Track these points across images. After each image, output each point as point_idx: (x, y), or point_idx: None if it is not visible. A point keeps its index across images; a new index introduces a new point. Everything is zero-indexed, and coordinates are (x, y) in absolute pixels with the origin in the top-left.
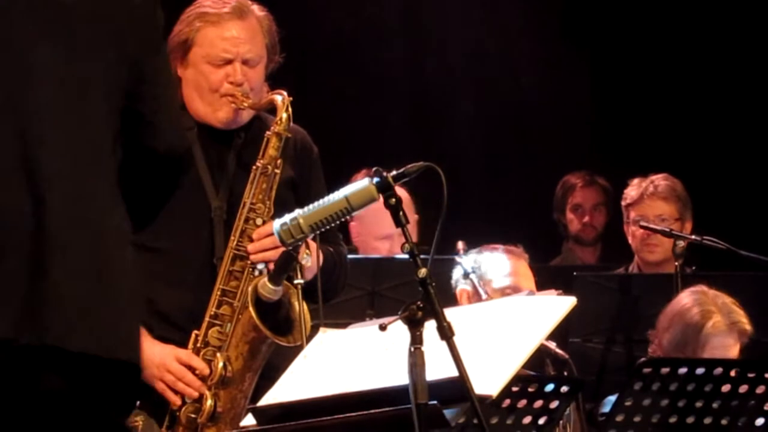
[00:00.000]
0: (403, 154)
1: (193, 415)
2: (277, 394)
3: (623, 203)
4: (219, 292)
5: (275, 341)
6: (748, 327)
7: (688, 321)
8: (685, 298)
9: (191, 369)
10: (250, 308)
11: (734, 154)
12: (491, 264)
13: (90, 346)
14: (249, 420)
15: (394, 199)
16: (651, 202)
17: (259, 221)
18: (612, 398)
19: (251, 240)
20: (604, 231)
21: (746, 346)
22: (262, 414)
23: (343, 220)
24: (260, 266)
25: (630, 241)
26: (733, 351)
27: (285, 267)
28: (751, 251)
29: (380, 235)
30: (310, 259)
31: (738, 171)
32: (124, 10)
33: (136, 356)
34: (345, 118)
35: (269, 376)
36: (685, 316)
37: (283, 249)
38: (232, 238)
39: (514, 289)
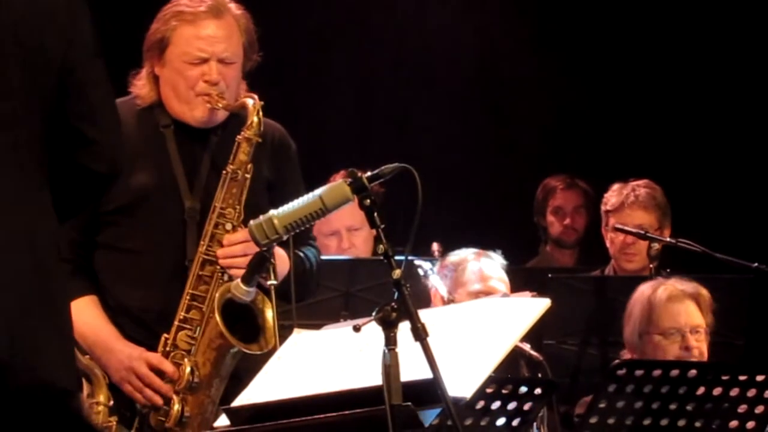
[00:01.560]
0: (378, 155)
1: (161, 419)
2: (251, 395)
3: (603, 208)
4: (188, 297)
5: (241, 349)
6: (704, 290)
7: (642, 299)
8: (639, 288)
9: (161, 373)
10: (216, 316)
11: (710, 157)
12: (465, 267)
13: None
14: (223, 420)
15: (368, 200)
16: (631, 211)
17: (228, 226)
18: (588, 400)
19: (221, 245)
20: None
21: (716, 345)
22: (235, 415)
23: (316, 220)
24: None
25: (609, 247)
26: (694, 316)
27: (258, 268)
28: (726, 254)
29: (327, 232)
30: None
31: (713, 174)
32: (44, 20)
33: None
34: (321, 118)
35: (242, 377)
36: (639, 297)
37: (254, 253)
38: (201, 242)
39: (487, 294)
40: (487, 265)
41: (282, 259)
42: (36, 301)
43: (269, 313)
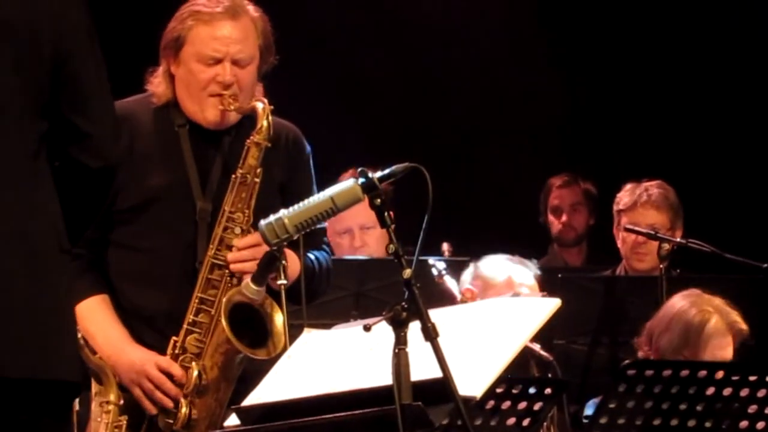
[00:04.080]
0: (388, 154)
1: (169, 422)
2: (261, 395)
3: (615, 208)
4: (197, 300)
5: (248, 355)
6: (744, 327)
7: (687, 322)
8: (681, 300)
9: (170, 376)
10: (223, 321)
11: (719, 157)
12: (495, 271)
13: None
14: (233, 420)
15: (379, 200)
16: (644, 210)
17: (237, 230)
18: (595, 401)
19: (229, 249)
20: (589, 233)
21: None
22: (246, 414)
23: (327, 220)
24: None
25: (620, 247)
26: (729, 351)
27: (268, 267)
28: (735, 254)
29: (339, 230)
30: (284, 281)
31: (722, 174)
32: (34, 12)
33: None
34: (327, 117)
35: (251, 377)
36: (684, 317)
37: (265, 252)
38: (210, 246)
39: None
40: (517, 272)
41: (293, 261)
42: (26, 294)
43: (278, 318)
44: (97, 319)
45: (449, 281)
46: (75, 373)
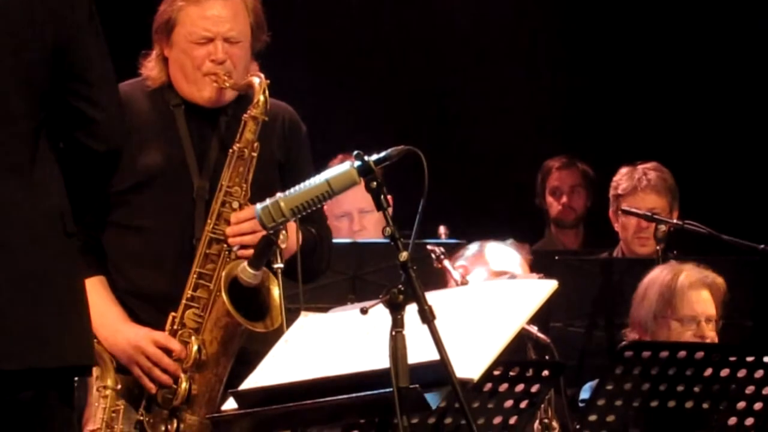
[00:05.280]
0: (384, 138)
1: (169, 396)
2: (258, 378)
3: (612, 193)
4: (195, 275)
5: (248, 327)
6: (719, 279)
7: (660, 283)
8: (655, 270)
9: (168, 351)
10: (223, 294)
11: (715, 138)
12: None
13: (40, 360)
14: (230, 404)
15: (375, 183)
16: (644, 195)
17: (235, 204)
18: (591, 384)
19: (227, 223)
20: (586, 215)
21: (723, 327)
22: (243, 398)
23: (323, 203)
24: (236, 248)
25: (619, 232)
26: (710, 306)
27: (265, 251)
28: (732, 236)
29: (338, 213)
30: (287, 240)
31: (718, 155)
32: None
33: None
34: (322, 100)
35: (249, 360)
36: (656, 280)
37: (262, 233)
38: (208, 221)
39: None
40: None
41: (294, 232)
42: (30, 280)
43: (276, 292)
44: (94, 301)
45: (449, 265)
46: (86, 356)
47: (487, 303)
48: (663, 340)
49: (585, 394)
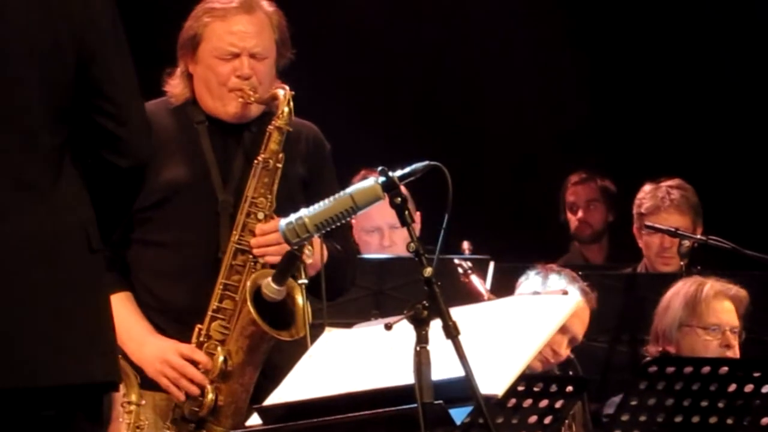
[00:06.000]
0: (408, 153)
1: (195, 409)
2: (282, 394)
3: (636, 211)
4: (221, 286)
5: (273, 336)
6: (742, 292)
7: (685, 294)
8: (678, 283)
9: (194, 363)
10: (248, 303)
11: (738, 153)
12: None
13: (65, 377)
14: (255, 419)
15: (399, 198)
16: (667, 214)
17: (260, 215)
18: (615, 399)
19: (253, 234)
20: (608, 229)
21: (746, 341)
22: (268, 413)
23: (348, 219)
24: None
25: (643, 250)
26: (733, 316)
27: (289, 267)
28: (755, 250)
29: (368, 228)
30: (313, 255)
31: (741, 170)
32: (57, 17)
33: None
34: (344, 116)
35: (273, 375)
36: (681, 291)
37: (287, 246)
38: (234, 232)
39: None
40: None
41: (318, 249)
42: (51, 297)
43: (300, 300)
44: (120, 316)
45: (475, 280)
46: (112, 373)
47: (511, 318)
48: (688, 349)
49: (609, 409)
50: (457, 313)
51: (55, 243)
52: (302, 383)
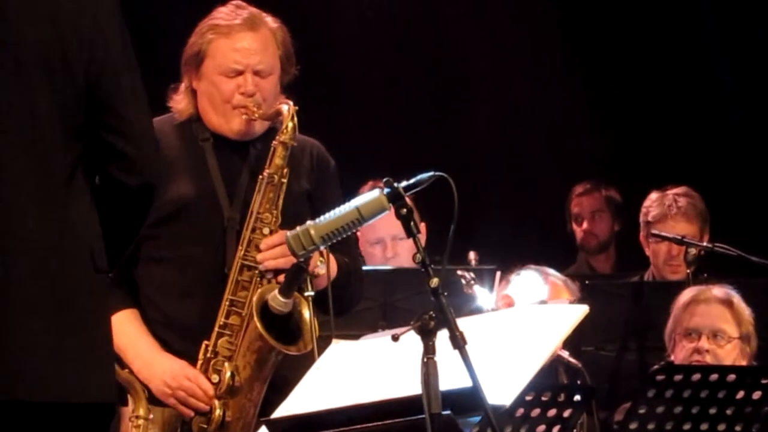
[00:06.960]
0: (413, 164)
1: (204, 426)
2: (290, 406)
3: (643, 219)
4: (228, 303)
5: (281, 350)
6: (736, 299)
7: (676, 302)
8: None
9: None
10: (255, 317)
11: (743, 159)
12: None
13: (61, 394)
14: None
15: (405, 209)
16: (674, 222)
17: (266, 231)
18: (624, 407)
19: (258, 250)
20: (615, 239)
21: (758, 351)
22: (275, 426)
23: (354, 231)
24: (269, 275)
25: (651, 258)
26: (719, 321)
27: (295, 279)
28: (762, 257)
29: (372, 240)
30: (324, 267)
31: (747, 177)
32: (67, 35)
33: (107, 396)
34: (361, 124)
35: (281, 388)
36: (677, 300)
37: (293, 260)
38: (239, 248)
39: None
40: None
41: (328, 262)
42: (54, 315)
43: (307, 314)
44: (127, 333)
45: (478, 290)
46: (109, 395)
47: (519, 328)
48: (679, 359)
49: (620, 416)
50: (464, 323)
51: (58, 260)
52: (310, 395)
